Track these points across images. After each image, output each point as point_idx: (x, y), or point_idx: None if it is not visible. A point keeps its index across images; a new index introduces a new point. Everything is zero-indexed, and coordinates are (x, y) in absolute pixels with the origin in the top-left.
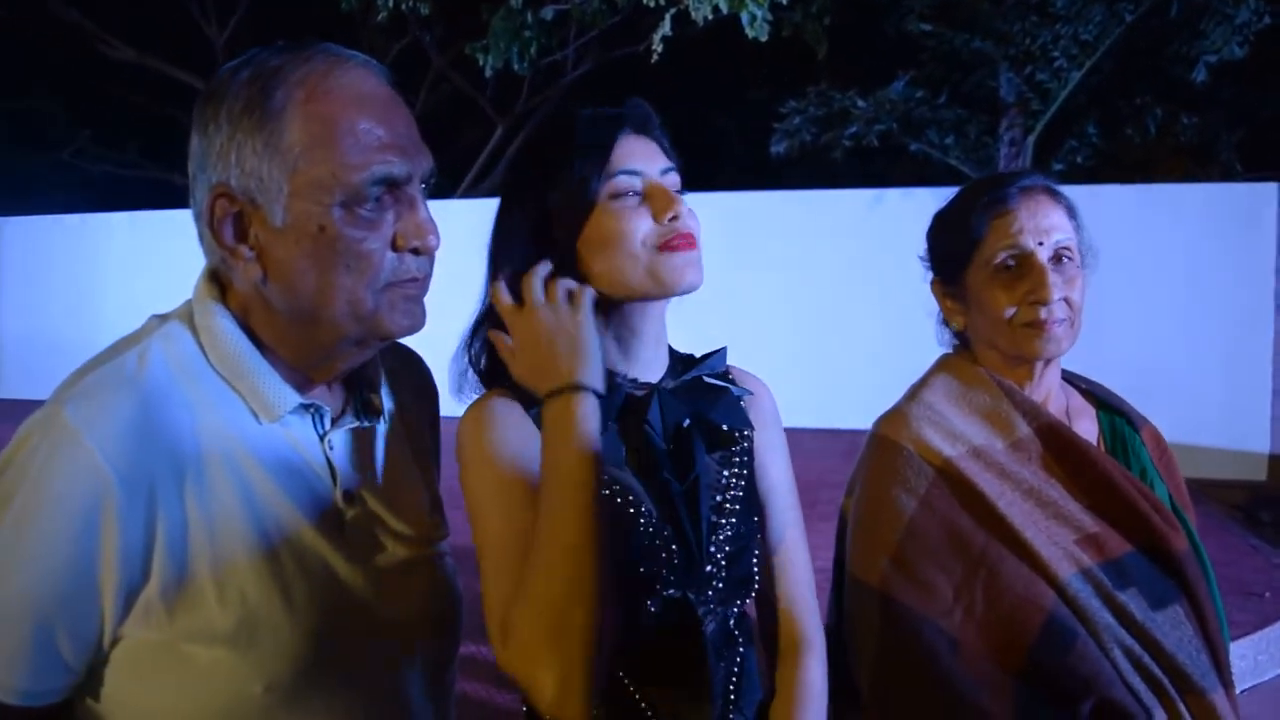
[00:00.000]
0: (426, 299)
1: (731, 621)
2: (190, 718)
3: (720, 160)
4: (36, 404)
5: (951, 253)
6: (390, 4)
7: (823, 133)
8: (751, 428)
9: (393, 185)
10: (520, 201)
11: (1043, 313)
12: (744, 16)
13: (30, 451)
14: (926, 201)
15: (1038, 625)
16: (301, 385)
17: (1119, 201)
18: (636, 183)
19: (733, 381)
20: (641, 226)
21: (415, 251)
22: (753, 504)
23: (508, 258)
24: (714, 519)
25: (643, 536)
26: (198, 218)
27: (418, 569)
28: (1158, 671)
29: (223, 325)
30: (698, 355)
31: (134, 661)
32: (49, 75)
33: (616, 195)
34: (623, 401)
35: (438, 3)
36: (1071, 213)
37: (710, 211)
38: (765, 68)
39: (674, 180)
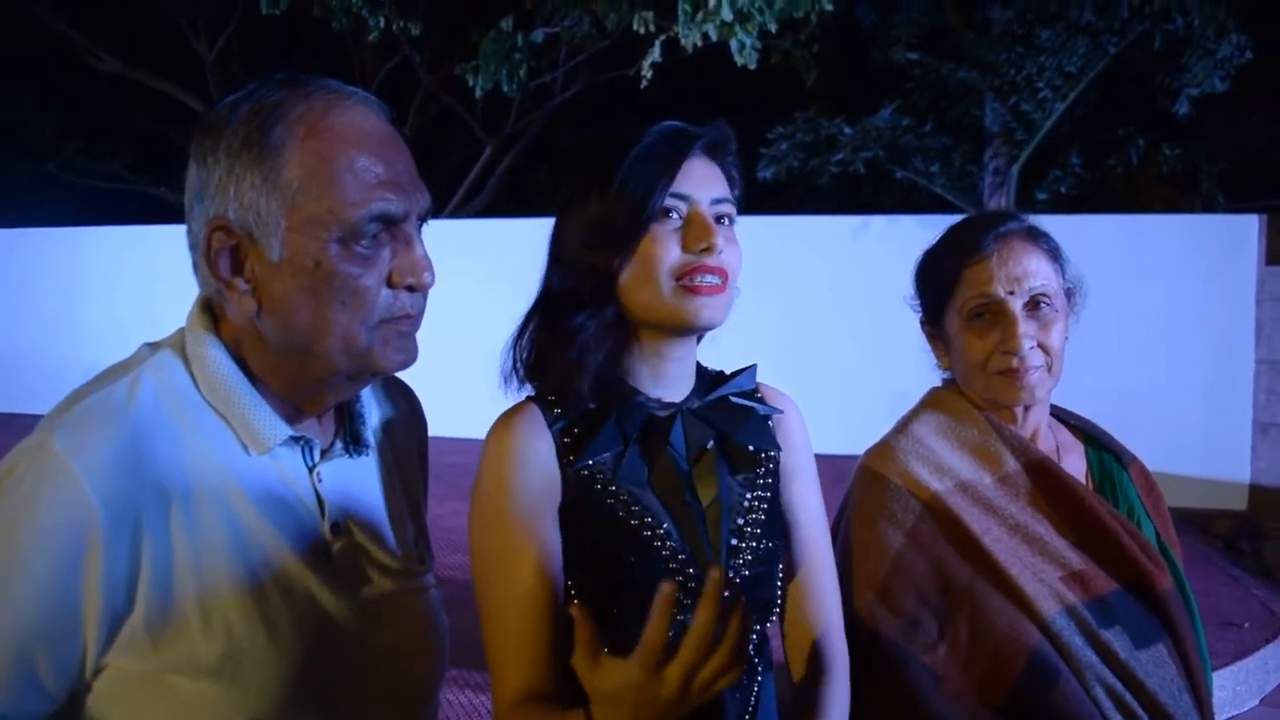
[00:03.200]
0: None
1: (751, 648)
2: None
3: None
4: (20, 418)
5: (932, 295)
6: (381, 24)
7: (810, 159)
8: (778, 448)
9: (390, 222)
10: (577, 207)
11: (1014, 361)
12: (733, 44)
13: (18, 479)
14: (911, 229)
15: (1021, 662)
16: (292, 417)
17: (1102, 231)
18: (682, 207)
19: (761, 400)
20: (670, 254)
21: (410, 288)
22: (776, 527)
23: (560, 266)
24: (734, 542)
25: (661, 559)
26: (193, 248)
27: (403, 601)
28: (1140, 711)
29: (214, 356)
30: (728, 372)
31: (117, 691)
32: (37, 87)
33: (659, 217)
34: (645, 421)
35: (428, 23)
36: (1054, 255)
37: None
38: (753, 93)
39: (723, 210)
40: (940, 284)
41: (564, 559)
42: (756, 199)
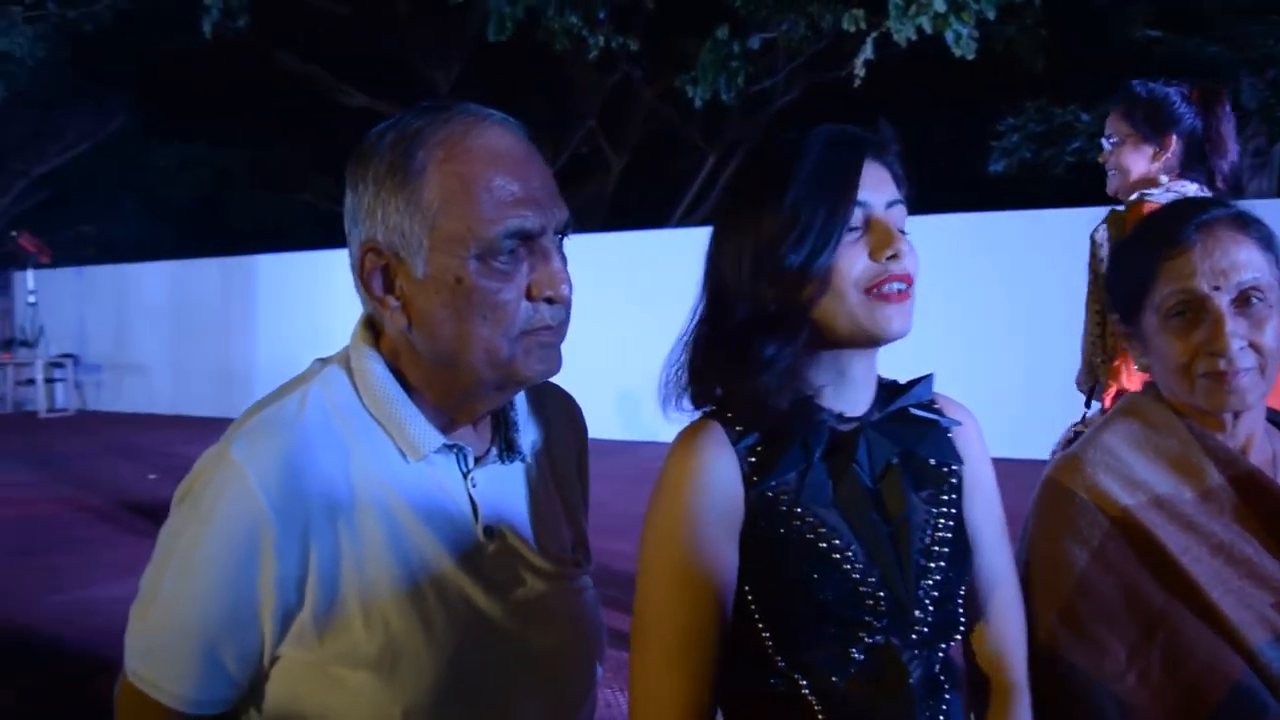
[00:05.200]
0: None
1: (937, 667)
2: None
3: (935, 182)
4: None
5: (1128, 290)
6: (600, 42)
7: (1043, 150)
8: (960, 462)
9: (526, 238)
10: (743, 223)
11: (1222, 363)
12: (949, 36)
13: (203, 485)
14: None
15: (1221, 696)
16: (446, 427)
17: None
18: (861, 215)
19: (939, 411)
20: (856, 265)
21: (549, 300)
22: (961, 544)
23: (725, 281)
24: (922, 562)
25: (849, 580)
26: (352, 269)
27: (557, 602)
28: None
29: (374, 369)
30: (902, 382)
31: (289, 680)
32: (291, 125)
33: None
34: (830, 439)
35: (646, 38)
36: (1267, 244)
37: (926, 234)
38: (978, 85)
39: (899, 214)
40: (1135, 279)
41: (748, 584)
42: (988, 194)
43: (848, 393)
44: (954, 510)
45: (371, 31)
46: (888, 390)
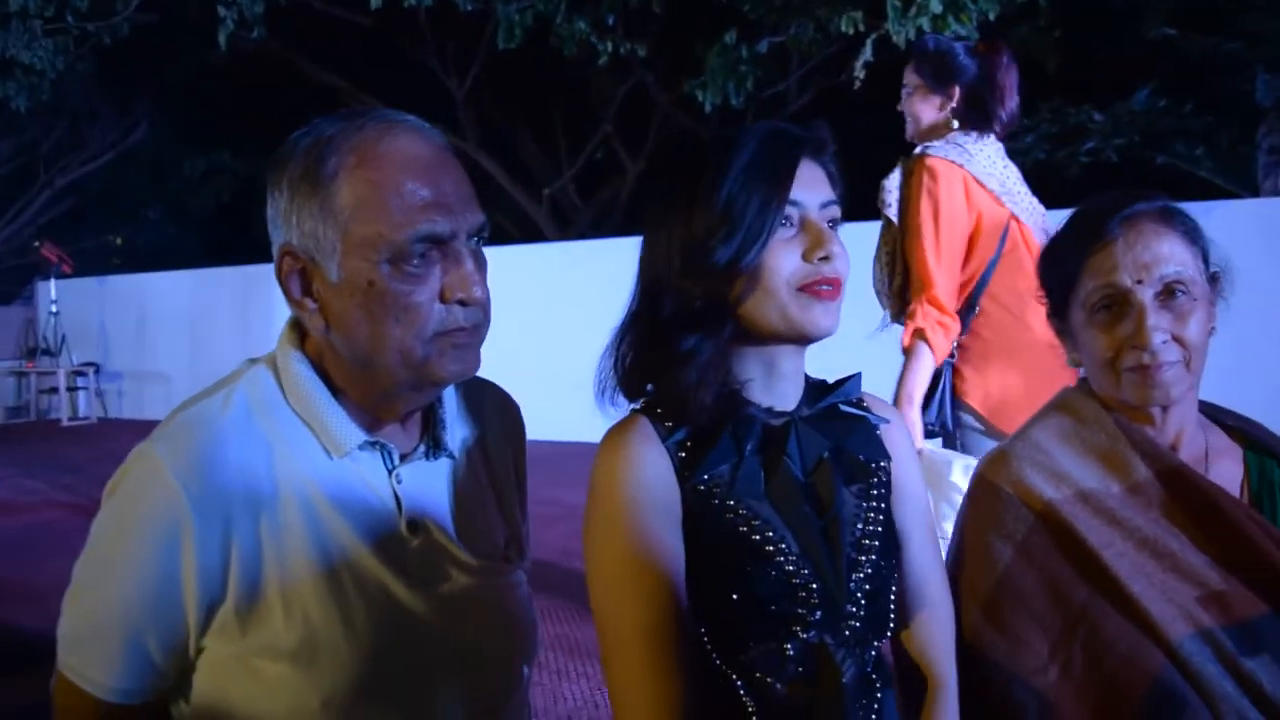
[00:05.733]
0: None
1: (869, 666)
2: None
3: None
4: None
5: (1055, 285)
6: (609, 48)
7: (1057, 150)
8: (889, 459)
9: (438, 242)
10: (674, 216)
11: (1145, 357)
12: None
13: (127, 481)
14: None
15: (1142, 690)
16: (370, 425)
17: None
18: (795, 215)
19: (867, 409)
20: (787, 264)
21: (462, 303)
22: (891, 540)
23: (654, 274)
24: (853, 555)
25: (783, 572)
26: (275, 273)
27: (483, 597)
28: None
29: (299, 369)
30: (830, 381)
31: (214, 671)
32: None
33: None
34: (761, 433)
35: (657, 44)
36: (1192, 237)
37: None
38: None
39: (833, 213)
40: (1062, 275)
41: (685, 580)
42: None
43: (777, 388)
44: (883, 505)
45: (391, 41)
46: (816, 388)
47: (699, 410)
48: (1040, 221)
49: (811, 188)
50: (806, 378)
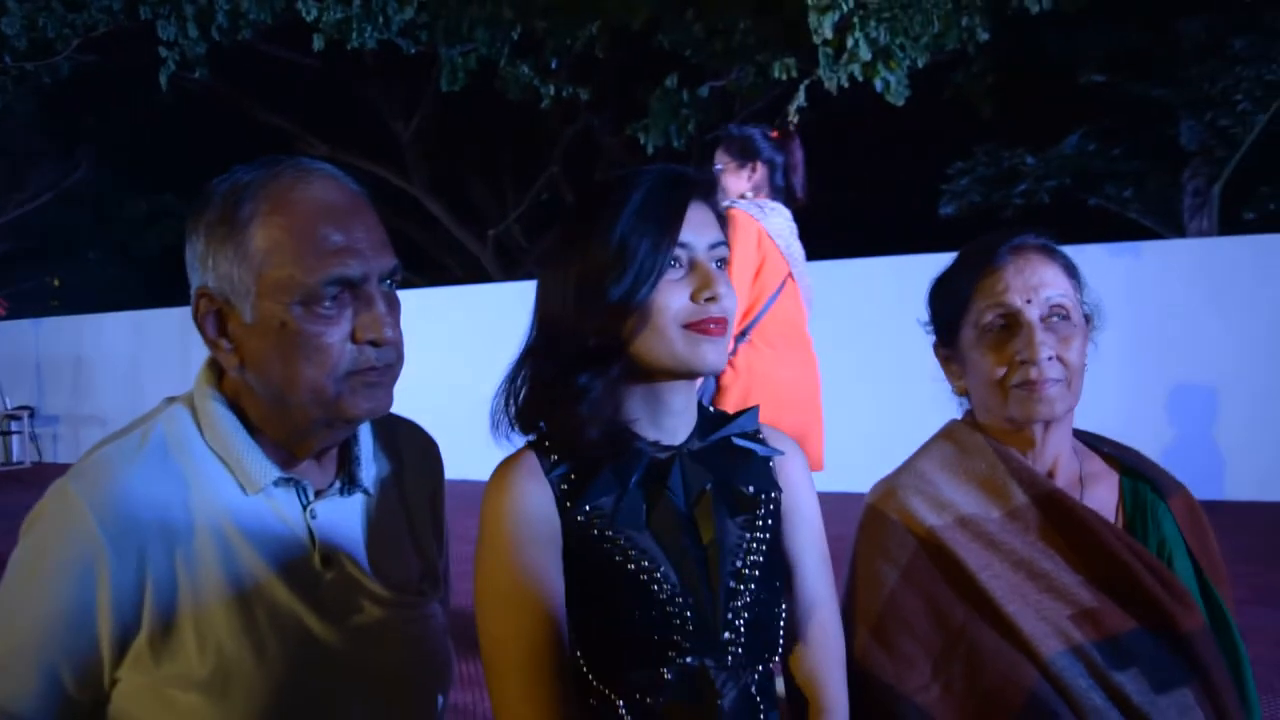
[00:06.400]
0: None
1: (753, 688)
2: None
3: (887, 224)
4: None
5: (945, 313)
6: (552, 91)
7: (992, 193)
8: (779, 489)
9: (349, 285)
10: (570, 255)
11: (1033, 372)
12: (878, 84)
13: (43, 516)
14: (1100, 258)
15: (1018, 705)
16: (285, 462)
17: None
18: (684, 256)
19: (763, 441)
20: (676, 302)
21: (373, 343)
22: (776, 569)
23: (549, 312)
24: (733, 585)
25: (658, 602)
26: (192, 313)
27: (396, 629)
28: None
29: (215, 408)
30: (730, 413)
31: (127, 701)
32: None
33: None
34: (646, 465)
35: (601, 88)
36: (1071, 272)
37: (881, 276)
38: (930, 129)
39: (721, 254)
40: (954, 299)
41: (566, 607)
42: (938, 236)
43: (665, 422)
44: (768, 536)
45: (337, 82)
46: (712, 420)
47: (587, 445)
48: (808, 289)
49: (700, 230)
50: (705, 410)
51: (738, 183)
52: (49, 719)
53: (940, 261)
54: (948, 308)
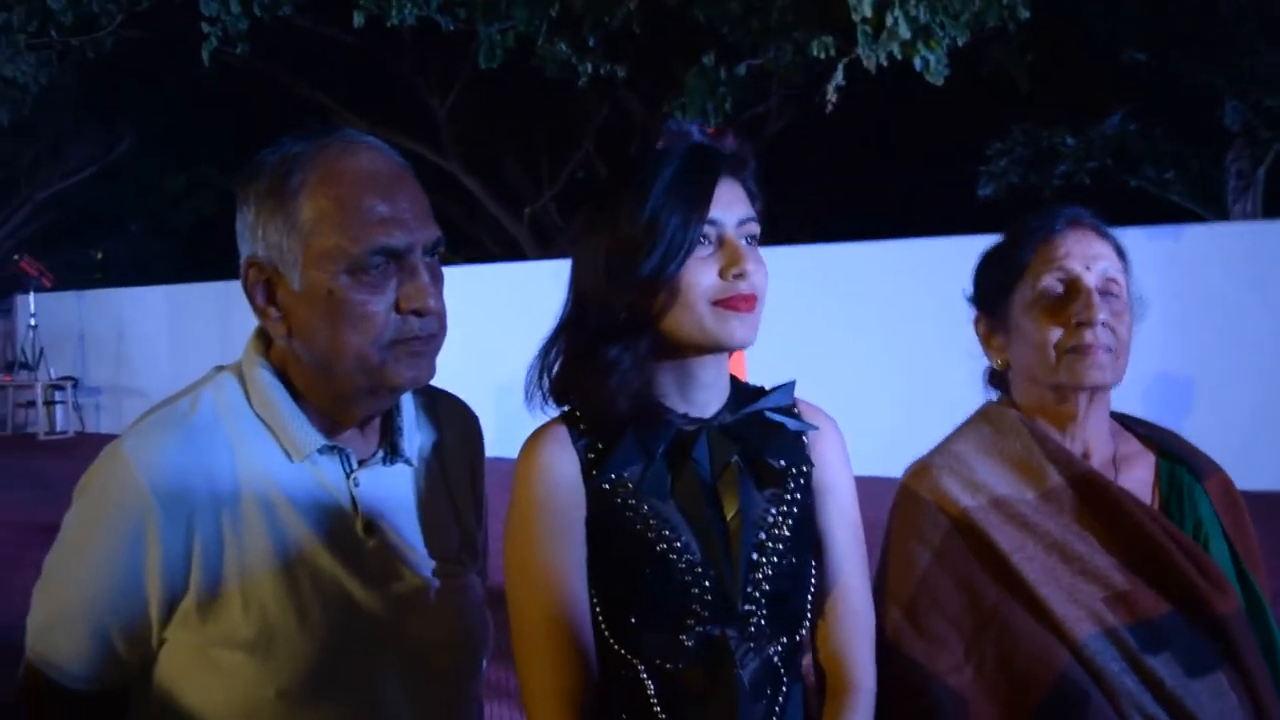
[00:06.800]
0: None
1: (776, 659)
2: (216, 714)
3: (926, 206)
4: None
5: (997, 282)
6: (590, 69)
7: (1030, 173)
8: (811, 464)
9: (394, 255)
10: (601, 230)
11: (1088, 335)
12: (917, 62)
13: (97, 478)
14: (1141, 241)
15: (1047, 687)
16: (330, 430)
17: None
18: (713, 233)
19: (797, 416)
20: (705, 279)
21: (417, 313)
22: (804, 543)
23: (582, 286)
24: (756, 557)
25: (678, 571)
26: (242, 282)
27: (436, 598)
28: None
29: (262, 375)
30: (768, 388)
31: (174, 661)
32: None
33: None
34: (673, 437)
35: (637, 65)
36: (1120, 253)
37: (919, 259)
38: (969, 108)
39: (751, 230)
40: (1011, 265)
41: (589, 573)
42: (978, 218)
43: (694, 396)
44: (796, 510)
45: (375, 59)
46: (748, 394)
47: (615, 417)
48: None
49: (730, 206)
50: (740, 384)
51: None
52: (98, 679)
53: (979, 244)
54: (1001, 273)
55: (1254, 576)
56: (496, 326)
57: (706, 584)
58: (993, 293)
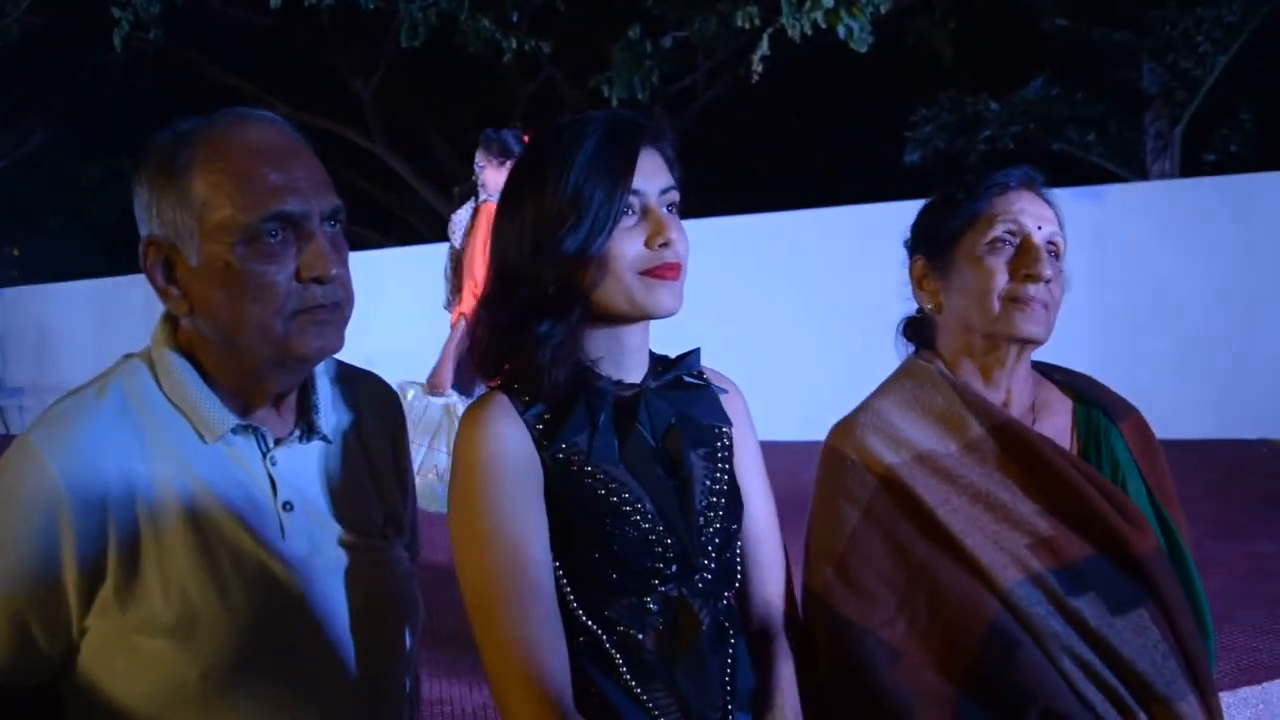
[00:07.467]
0: None
1: (722, 615)
2: (140, 701)
3: (853, 173)
4: None
5: (945, 228)
6: (514, 45)
7: (956, 139)
8: (730, 424)
9: (291, 223)
10: (524, 205)
11: (1032, 289)
12: (840, 30)
13: (6, 469)
14: (1066, 201)
15: (979, 635)
16: (243, 410)
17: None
18: (636, 203)
19: (707, 381)
20: (631, 250)
21: (318, 280)
22: (735, 498)
23: (506, 260)
24: (705, 513)
25: (639, 529)
26: (140, 263)
27: (360, 571)
28: (1114, 681)
29: (171, 358)
30: (672, 355)
31: (96, 650)
32: None
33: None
34: (613, 404)
35: (563, 41)
36: (1061, 223)
37: (848, 225)
38: (893, 77)
39: (672, 198)
40: (961, 213)
41: (551, 544)
42: (904, 184)
43: (624, 362)
44: (726, 467)
45: (293, 41)
46: (660, 361)
47: (553, 387)
48: None
49: (652, 176)
50: (650, 352)
51: (497, 178)
52: (19, 673)
53: (906, 210)
54: (952, 219)
55: (1170, 514)
56: (427, 307)
57: (669, 541)
58: (939, 237)
